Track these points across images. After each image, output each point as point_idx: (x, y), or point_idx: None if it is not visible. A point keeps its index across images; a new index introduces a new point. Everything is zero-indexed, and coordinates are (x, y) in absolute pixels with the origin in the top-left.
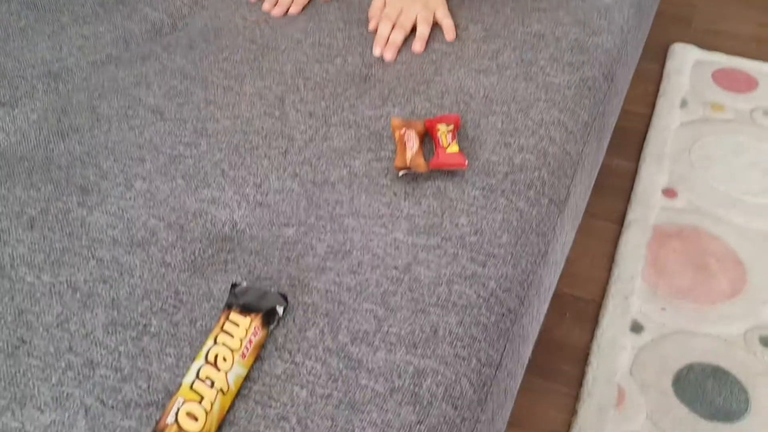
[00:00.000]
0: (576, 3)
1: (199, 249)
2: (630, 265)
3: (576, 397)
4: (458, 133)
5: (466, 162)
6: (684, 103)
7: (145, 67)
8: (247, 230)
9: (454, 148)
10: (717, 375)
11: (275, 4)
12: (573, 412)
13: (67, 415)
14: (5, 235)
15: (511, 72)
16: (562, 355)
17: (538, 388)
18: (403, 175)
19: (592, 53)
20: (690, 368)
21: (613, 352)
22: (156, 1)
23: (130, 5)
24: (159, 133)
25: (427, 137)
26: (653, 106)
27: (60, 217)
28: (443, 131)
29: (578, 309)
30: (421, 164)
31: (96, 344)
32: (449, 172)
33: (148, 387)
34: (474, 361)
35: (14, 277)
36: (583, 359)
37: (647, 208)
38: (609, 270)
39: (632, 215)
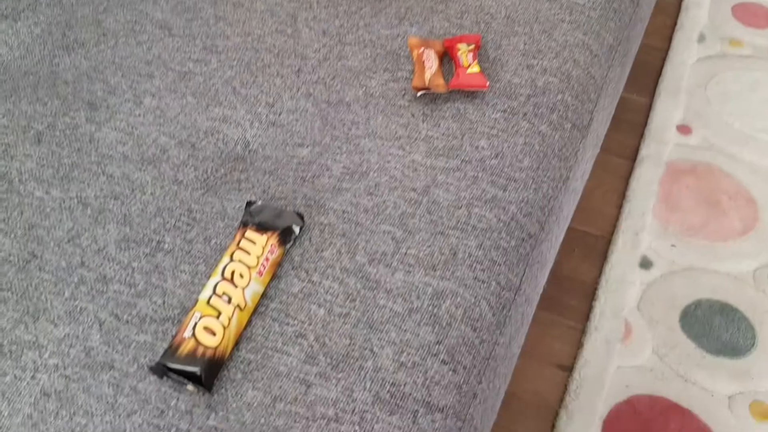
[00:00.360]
0: None
1: (212, 167)
2: (641, 201)
3: (582, 331)
4: (479, 53)
5: (488, 83)
6: (702, 38)
7: None
8: (260, 150)
9: (475, 68)
10: (725, 311)
11: None
12: (579, 345)
13: (81, 328)
14: (12, 150)
15: None
16: (570, 290)
17: (545, 320)
18: (421, 96)
19: None
20: (698, 304)
21: (622, 288)
22: None
23: None
24: (167, 49)
25: (447, 57)
26: (670, 39)
27: (68, 133)
28: (464, 51)
29: (588, 244)
30: (440, 84)
31: (109, 260)
32: (469, 94)
33: (163, 303)
34: (493, 284)
35: (23, 192)
36: (590, 294)
37: (661, 144)
38: (620, 206)
39: (645, 151)
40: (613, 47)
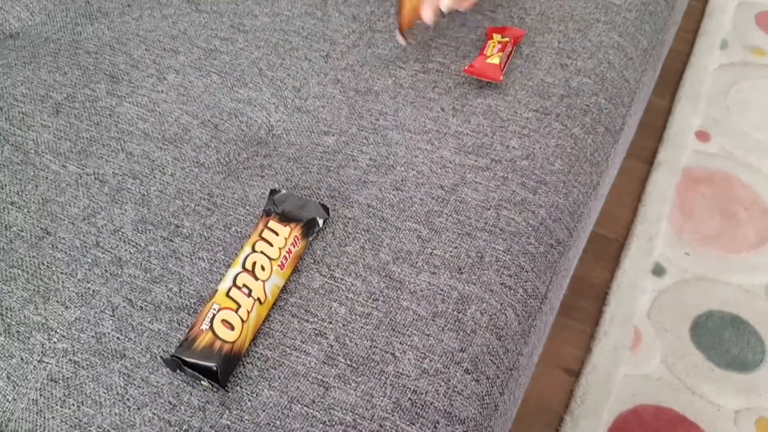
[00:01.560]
0: None
1: (234, 151)
2: (657, 207)
3: (591, 336)
4: (516, 48)
5: (502, 77)
6: (724, 44)
7: None
8: (285, 135)
9: (494, 59)
10: (735, 324)
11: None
12: (588, 350)
13: (92, 312)
14: (29, 119)
15: None
16: (581, 292)
17: (555, 322)
18: (448, 85)
19: None
20: (709, 315)
21: (633, 294)
22: None
23: None
24: (194, 25)
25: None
26: (692, 44)
27: (87, 105)
28: (495, 41)
29: (601, 247)
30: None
31: (125, 241)
32: (501, 90)
33: (180, 290)
34: (520, 291)
35: (38, 164)
36: (601, 297)
37: (679, 150)
38: (635, 209)
39: (663, 155)
40: (648, 51)
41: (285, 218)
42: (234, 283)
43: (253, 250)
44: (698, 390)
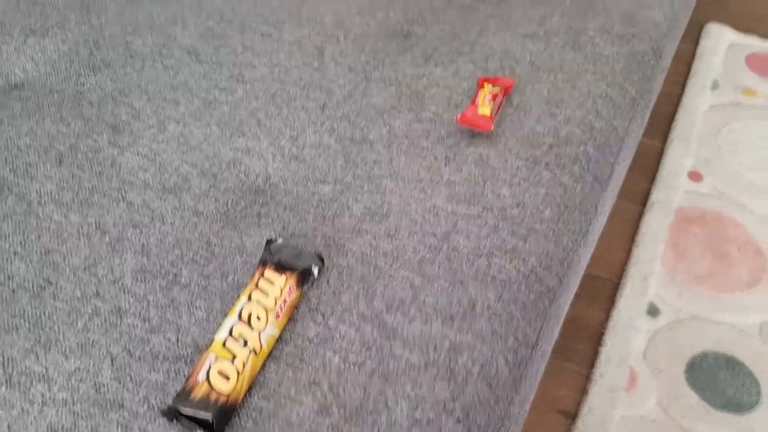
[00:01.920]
0: None
1: (232, 200)
2: (650, 247)
3: (587, 377)
4: (507, 98)
5: (492, 126)
6: (715, 85)
7: (181, 5)
8: (281, 184)
9: (486, 110)
10: (730, 365)
11: None
12: (584, 391)
13: (92, 362)
14: (33, 170)
15: (558, 39)
16: (576, 333)
17: (550, 364)
18: (444, 138)
19: (642, 26)
20: (704, 356)
21: (628, 334)
22: None
23: None
24: (194, 76)
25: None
26: (683, 86)
27: (90, 155)
28: (486, 90)
29: (596, 288)
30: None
31: (124, 291)
32: (492, 139)
33: (177, 340)
34: (511, 339)
35: (41, 215)
36: (597, 338)
37: (671, 190)
38: (629, 250)
39: (656, 196)
40: (636, 100)
41: (281, 267)
42: (230, 334)
43: (249, 300)
44: (694, 431)
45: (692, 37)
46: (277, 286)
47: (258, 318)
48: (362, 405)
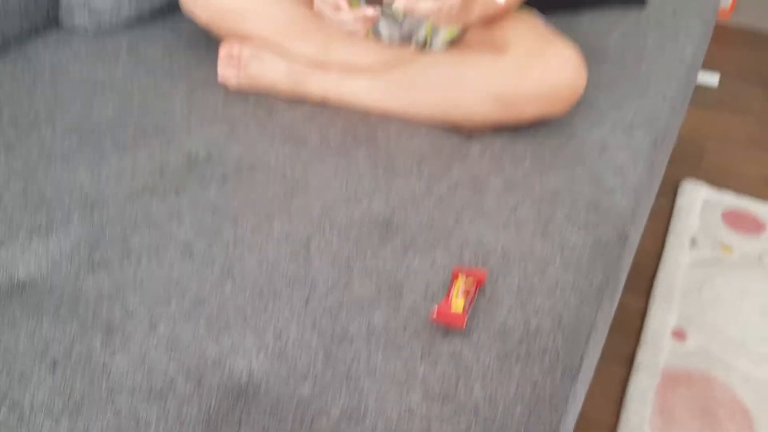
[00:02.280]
0: (592, 160)
1: (215, 403)
2: (638, 411)
3: None
4: (480, 289)
5: (465, 324)
6: (693, 242)
7: (179, 200)
8: (263, 384)
9: (459, 306)
10: None
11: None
12: None
13: None
14: (27, 378)
15: (528, 228)
16: None
17: None
18: (419, 333)
19: (605, 214)
20: None
21: None
22: (194, 131)
23: (168, 134)
24: (187, 273)
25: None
26: (663, 243)
27: (83, 361)
28: (460, 282)
29: None
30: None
31: None
32: (466, 334)
33: None
34: None
35: (32, 425)
36: None
37: (656, 351)
38: (617, 414)
39: (641, 357)
40: (602, 288)
41: None
42: None
43: None
44: None
45: (669, 193)
46: None
47: None
48: None
